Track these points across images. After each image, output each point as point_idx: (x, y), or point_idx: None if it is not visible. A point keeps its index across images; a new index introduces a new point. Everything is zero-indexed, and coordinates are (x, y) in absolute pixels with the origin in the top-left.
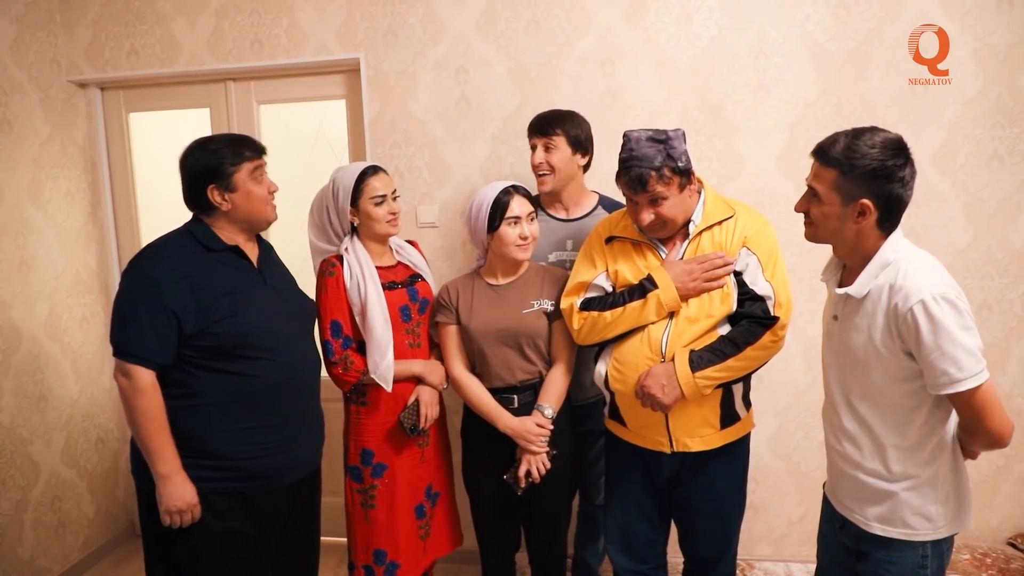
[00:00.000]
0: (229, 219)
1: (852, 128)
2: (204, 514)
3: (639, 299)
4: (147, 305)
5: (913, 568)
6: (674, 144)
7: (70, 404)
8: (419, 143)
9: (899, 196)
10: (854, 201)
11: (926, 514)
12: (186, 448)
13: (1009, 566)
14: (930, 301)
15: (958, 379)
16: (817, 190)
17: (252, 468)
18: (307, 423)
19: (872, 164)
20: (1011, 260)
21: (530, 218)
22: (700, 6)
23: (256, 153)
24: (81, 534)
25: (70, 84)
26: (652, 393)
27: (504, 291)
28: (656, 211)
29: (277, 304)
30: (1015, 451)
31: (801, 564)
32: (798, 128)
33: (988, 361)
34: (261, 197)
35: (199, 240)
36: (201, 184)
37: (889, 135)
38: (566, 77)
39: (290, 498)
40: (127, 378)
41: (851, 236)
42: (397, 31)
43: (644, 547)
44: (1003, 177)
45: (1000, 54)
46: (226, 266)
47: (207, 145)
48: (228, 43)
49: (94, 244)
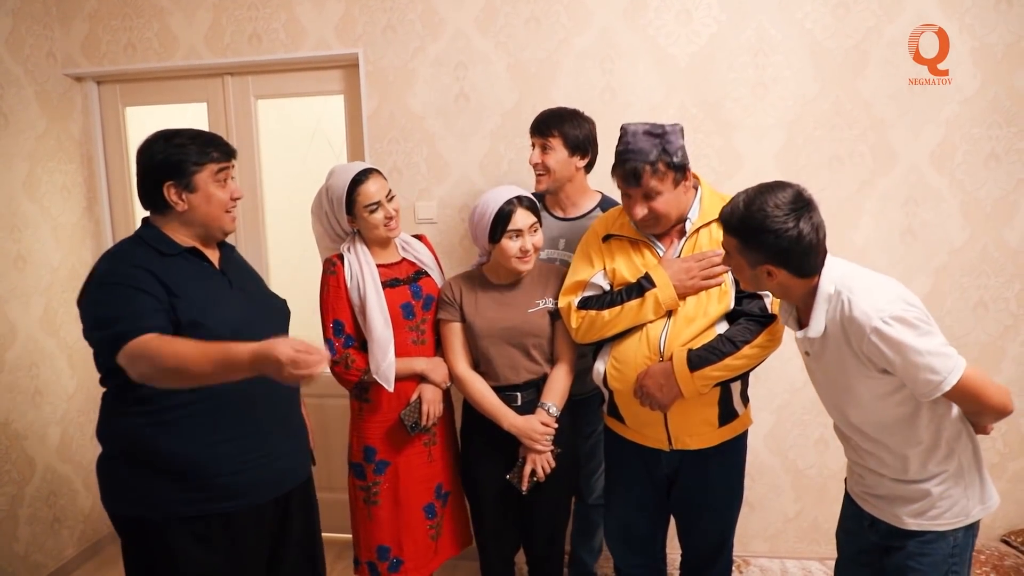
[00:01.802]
0: (183, 221)
1: (747, 192)
2: (186, 542)
3: (637, 298)
4: (126, 290)
5: (944, 558)
6: (671, 139)
7: (66, 399)
8: (417, 139)
9: (802, 250)
10: (758, 266)
11: (959, 504)
12: (161, 469)
13: (1003, 563)
14: (882, 327)
15: (939, 382)
16: (727, 252)
17: (234, 484)
18: (290, 431)
19: (764, 235)
20: (1007, 259)
21: (532, 229)
22: (699, 3)
23: (224, 155)
24: (76, 529)
25: (66, 78)
26: (651, 392)
27: (509, 290)
28: (650, 206)
29: (245, 306)
30: (1009, 448)
31: (796, 561)
32: (796, 126)
33: (984, 359)
34: (221, 203)
35: (151, 245)
36: (157, 179)
37: (783, 194)
38: (565, 73)
39: (278, 517)
40: (138, 361)
41: (776, 290)
42: (396, 26)
43: (644, 542)
44: (1000, 176)
45: (998, 53)
46: (185, 269)
47: (172, 139)
48: (226, 37)
49: (90, 239)
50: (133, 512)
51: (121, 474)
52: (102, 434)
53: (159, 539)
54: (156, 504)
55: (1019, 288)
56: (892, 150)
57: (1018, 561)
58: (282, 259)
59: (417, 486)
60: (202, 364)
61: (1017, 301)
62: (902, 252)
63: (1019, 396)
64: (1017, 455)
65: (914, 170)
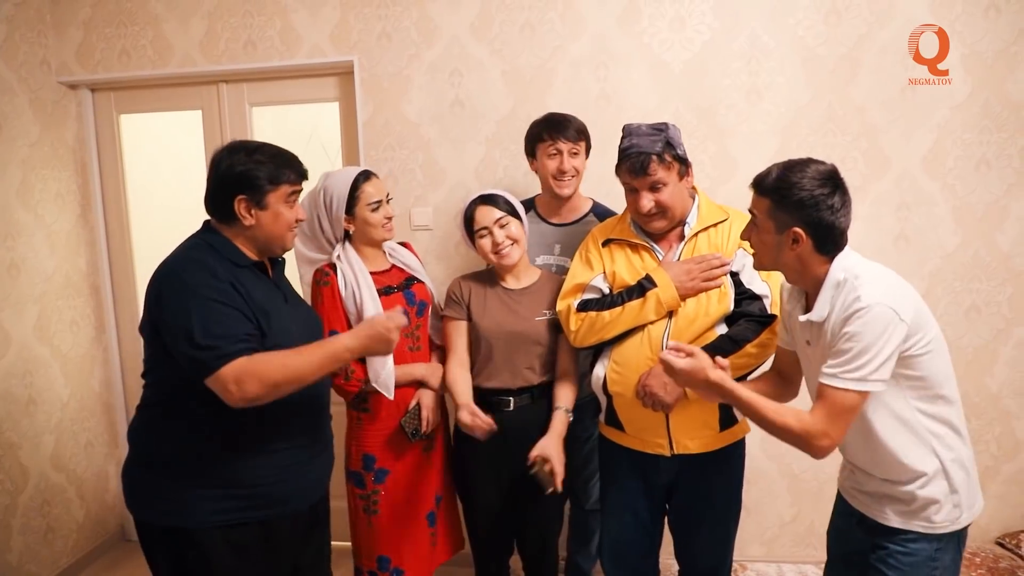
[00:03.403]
0: (247, 236)
1: (786, 160)
2: (223, 550)
3: (638, 298)
4: (221, 307)
5: (925, 560)
6: (672, 134)
7: (60, 408)
8: (413, 146)
9: (830, 223)
10: (787, 229)
11: (944, 508)
12: (203, 478)
13: (998, 565)
14: (864, 310)
15: (843, 374)
16: (755, 217)
17: (276, 493)
18: (323, 442)
19: (801, 194)
20: (998, 263)
21: (500, 224)
22: (693, 11)
23: (299, 177)
24: (70, 539)
25: (60, 85)
26: (655, 392)
27: (518, 296)
28: (656, 198)
29: (297, 321)
30: (1002, 452)
31: (793, 565)
32: (790, 132)
33: (977, 363)
34: (287, 223)
35: (222, 253)
36: (230, 191)
37: (821, 166)
38: (560, 80)
39: (306, 525)
40: (246, 381)
41: (793, 263)
42: (391, 33)
43: (638, 558)
44: (991, 181)
45: (988, 59)
46: (255, 282)
47: (254, 153)
48: (221, 45)
49: (84, 246)
50: (168, 520)
51: (157, 481)
52: (140, 439)
53: (194, 547)
54: (194, 513)
55: (1011, 292)
56: (884, 156)
57: (1013, 563)
58: None
59: (418, 494)
60: (315, 369)
61: (1009, 305)
62: (895, 257)
63: (1012, 399)
64: (1010, 458)
65: (906, 175)
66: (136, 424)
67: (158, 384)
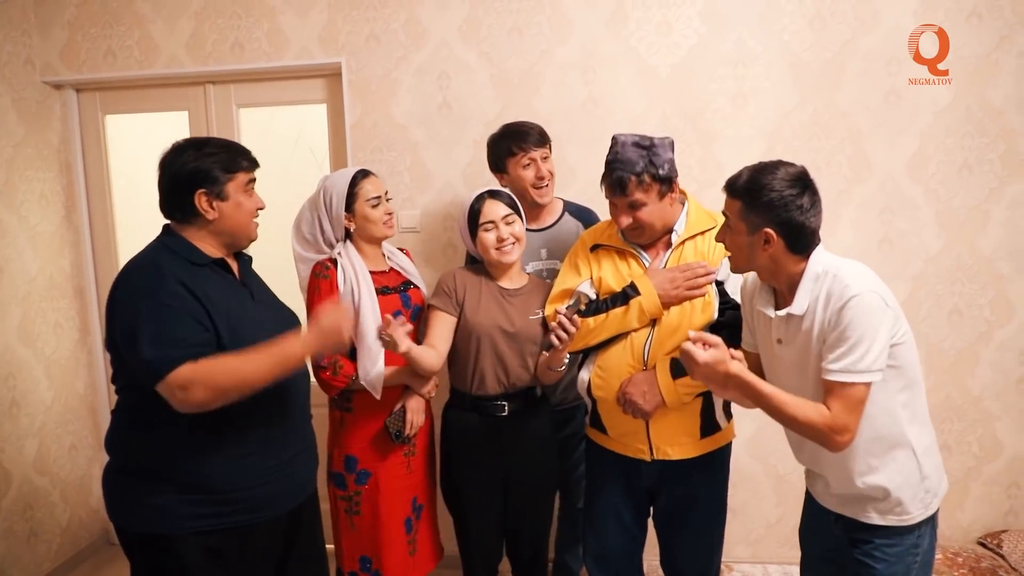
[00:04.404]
0: (211, 231)
1: (757, 163)
2: (200, 556)
3: (622, 306)
4: (174, 312)
5: (908, 549)
6: (658, 151)
7: (43, 410)
8: (401, 148)
9: (800, 223)
10: (758, 230)
11: (916, 494)
12: (180, 484)
13: (979, 565)
14: (858, 298)
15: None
16: (728, 220)
17: (255, 498)
18: (305, 443)
19: (771, 195)
20: (980, 266)
21: (506, 221)
22: (680, 15)
23: (252, 165)
24: (54, 543)
25: (44, 85)
26: (634, 400)
27: (512, 295)
28: (634, 215)
29: (266, 319)
30: (984, 452)
31: (779, 566)
32: (776, 136)
33: (960, 365)
34: (249, 211)
35: (180, 255)
36: (188, 188)
37: (791, 168)
38: (548, 84)
39: (289, 527)
40: (193, 387)
41: (767, 263)
42: (379, 36)
43: (622, 560)
44: (972, 185)
45: (970, 66)
46: (215, 281)
47: (203, 147)
48: (208, 46)
49: (68, 248)
50: (146, 527)
51: (134, 486)
52: (114, 446)
53: (171, 553)
54: (172, 518)
55: (993, 295)
56: (868, 160)
57: (994, 563)
58: (263, 266)
59: (396, 498)
60: (264, 374)
61: (991, 307)
62: (879, 260)
63: (993, 400)
64: (992, 459)
65: (890, 179)
66: (111, 430)
67: (126, 390)
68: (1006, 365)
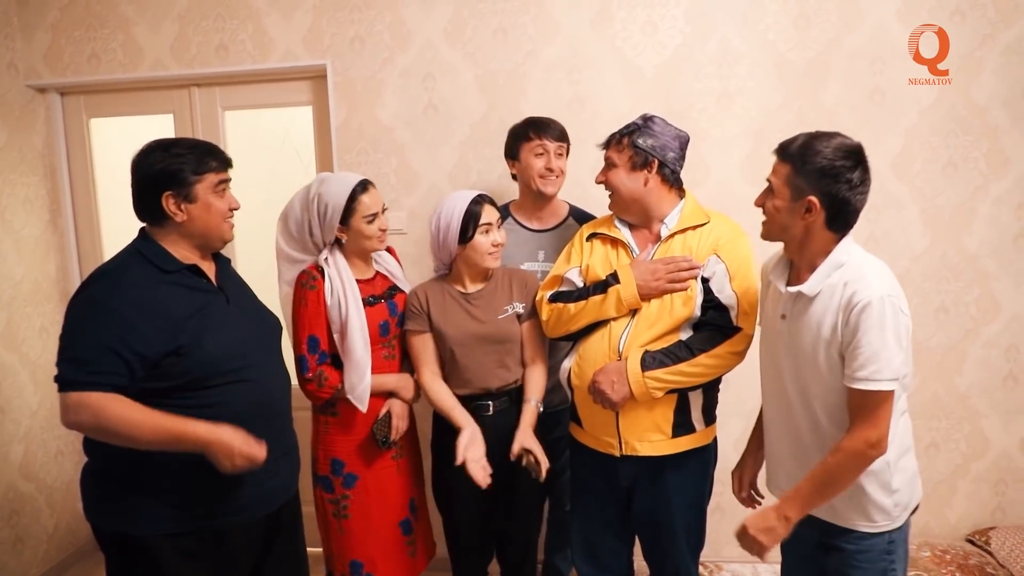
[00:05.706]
0: (182, 233)
1: (816, 131)
2: (174, 558)
3: (600, 293)
4: (104, 335)
5: (880, 554)
6: (653, 130)
7: (29, 416)
8: (387, 150)
9: (846, 198)
10: (802, 197)
11: (883, 504)
12: (154, 486)
13: (967, 562)
14: (877, 303)
15: (874, 374)
16: (772, 183)
17: (230, 502)
18: (284, 449)
19: (822, 163)
20: (966, 264)
21: (498, 224)
22: (665, 15)
23: (223, 165)
24: (40, 549)
25: (28, 89)
26: (602, 389)
27: (476, 298)
28: (605, 174)
29: (242, 324)
30: (972, 450)
31: (767, 566)
32: (761, 136)
33: (946, 363)
34: (221, 212)
35: (151, 261)
36: (156, 190)
37: (847, 141)
38: (533, 84)
39: (267, 530)
40: (81, 411)
41: (800, 233)
42: (364, 37)
43: (609, 556)
44: (957, 184)
45: (954, 64)
46: (185, 288)
47: (170, 148)
48: (192, 48)
49: (54, 252)
50: (119, 527)
51: (109, 488)
52: (91, 448)
53: (145, 554)
54: (146, 520)
55: (978, 293)
56: None
57: (982, 560)
58: (248, 270)
59: (388, 501)
60: (150, 436)
61: (977, 305)
62: None
63: (980, 398)
64: (979, 456)
65: (876, 178)
66: None
67: None
68: (992, 362)
